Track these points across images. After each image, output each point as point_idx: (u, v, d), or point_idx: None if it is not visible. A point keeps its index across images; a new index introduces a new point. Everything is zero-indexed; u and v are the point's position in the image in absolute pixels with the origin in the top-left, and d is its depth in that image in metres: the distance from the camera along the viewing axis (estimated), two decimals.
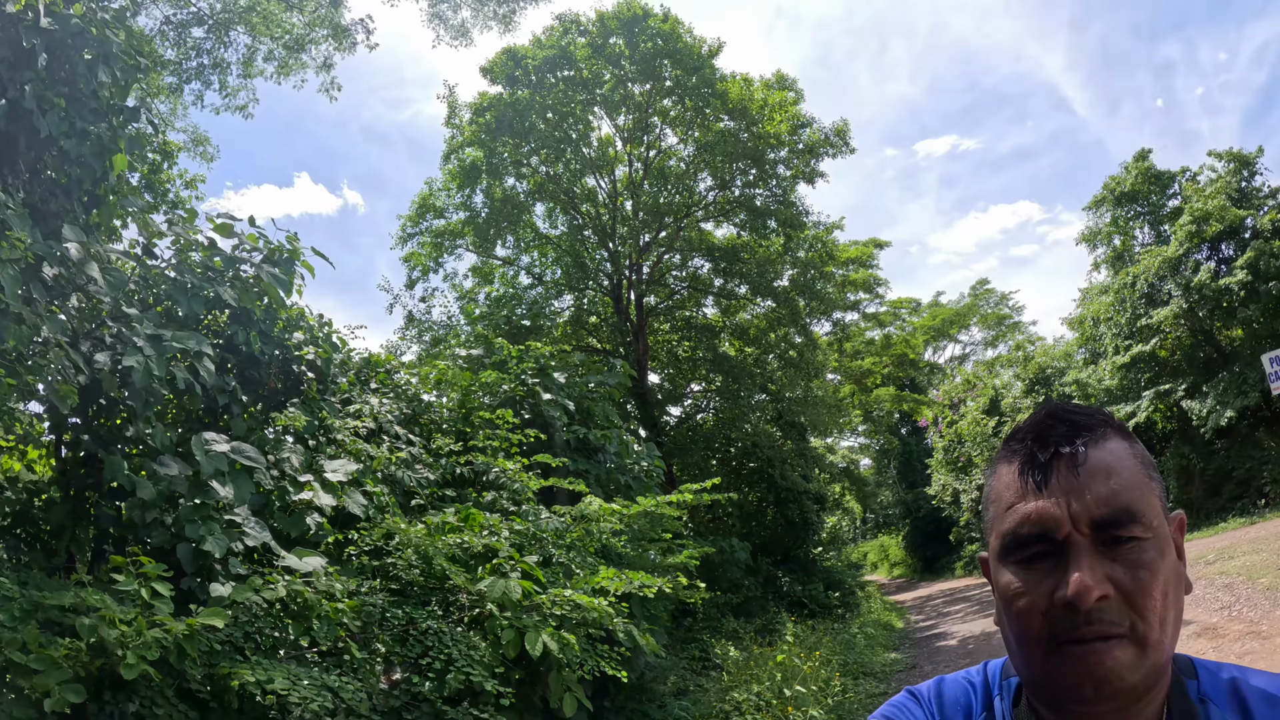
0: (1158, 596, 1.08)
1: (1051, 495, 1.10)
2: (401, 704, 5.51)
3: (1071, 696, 1.10)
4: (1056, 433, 1.15)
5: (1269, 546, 16.09)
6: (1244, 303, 24.58)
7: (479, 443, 9.11)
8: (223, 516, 5.62)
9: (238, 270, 6.49)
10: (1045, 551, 1.10)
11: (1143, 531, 1.09)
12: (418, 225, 23.31)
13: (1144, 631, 1.07)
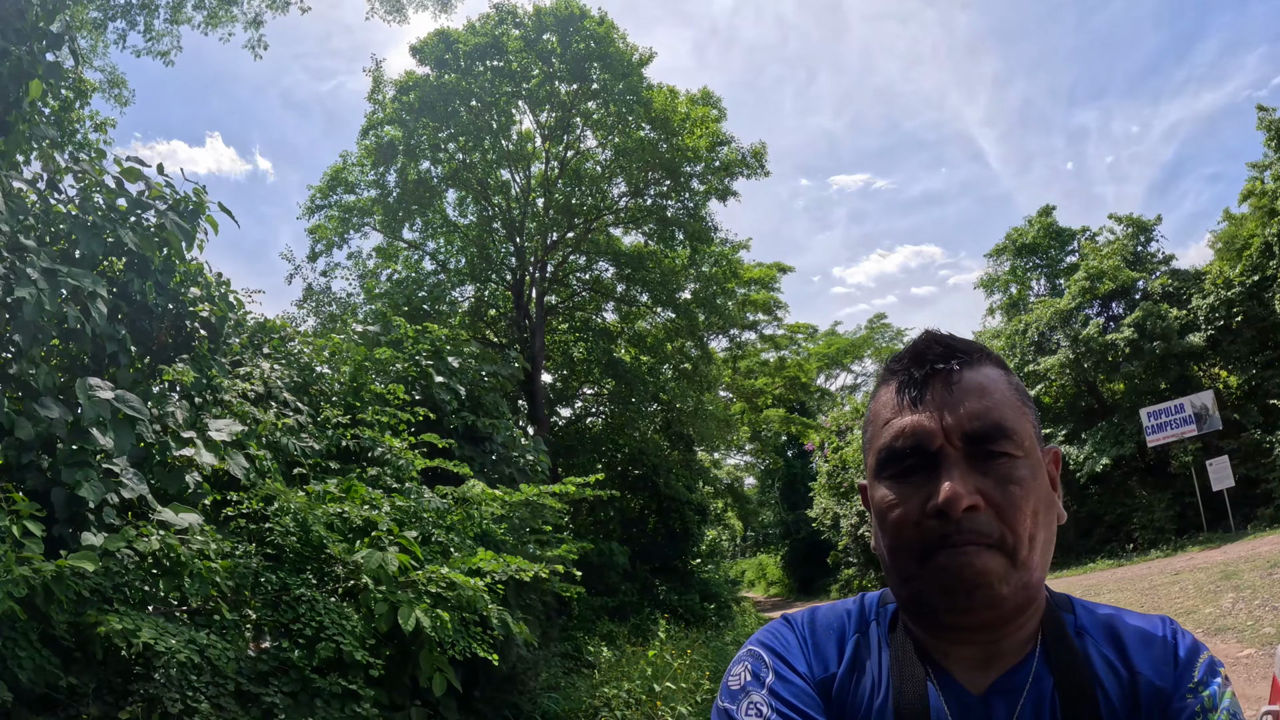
0: (1027, 512, 1.11)
1: (926, 410, 1.14)
2: (269, 669, 5.49)
3: (944, 606, 1.12)
4: (933, 353, 1.19)
5: (1133, 586, 16.93)
6: (1128, 359, 25.77)
7: (368, 417, 9.09)
8: (101, 465, 5.54)
9: (140, 217, 6.39)
10: (919, 465, 1.13)
11: (1014, 449, 1.13)
12: (328, 198, 22.94)
13: (1013, 545, 1.10)
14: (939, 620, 1.16)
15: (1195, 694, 1.12)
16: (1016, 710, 1.13)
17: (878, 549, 1.21)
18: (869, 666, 1.23)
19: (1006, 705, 1.13)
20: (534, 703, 8.92)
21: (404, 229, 22.99)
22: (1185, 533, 24.27)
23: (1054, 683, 1.14)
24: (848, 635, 1.27)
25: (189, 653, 4.58)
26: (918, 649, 1.20)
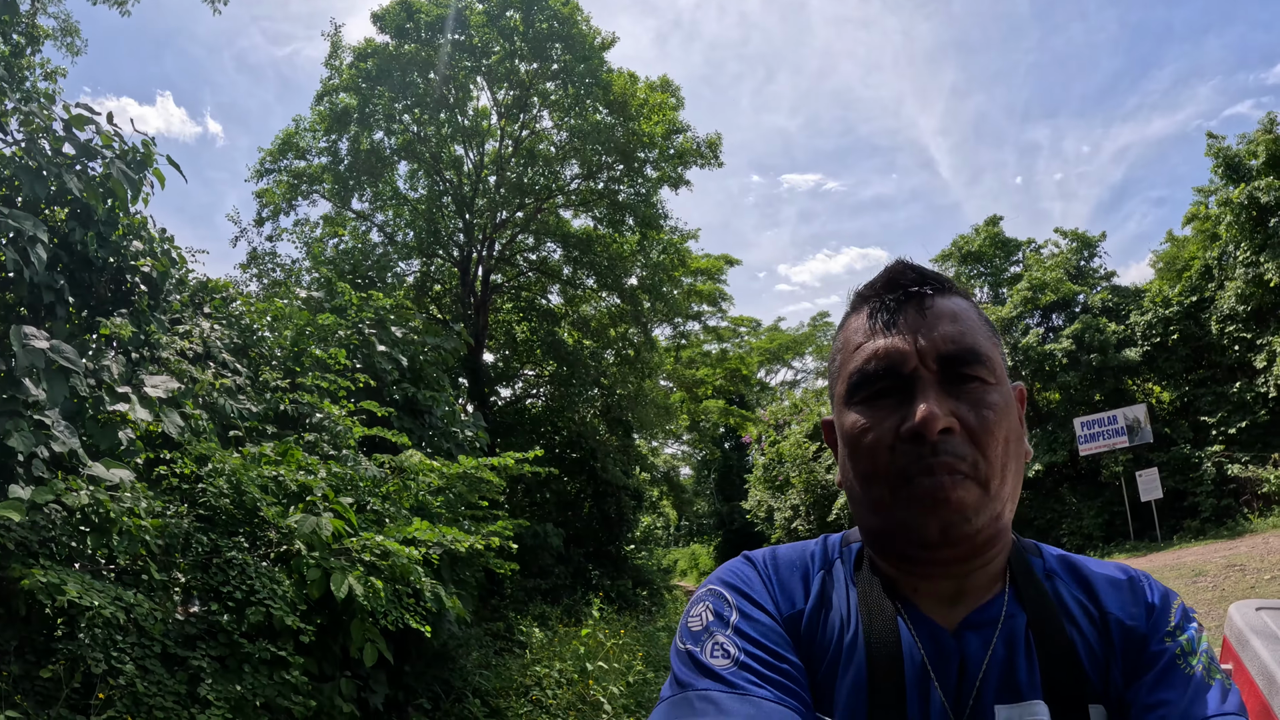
0: (1000, 439, 1.09)
1: (899, 333, 1.12)
2: (197, 633, 5.41)
3: (916, 540, 1.09)
4: (906, 278, 1.17)
5: None
6: (1065, 369, 26.34)
7: (308, 382, 8.97)
8: (32, 417, 5.40)
9: (87, 165, 6.23)
10: (892, 388, 1.11)
11: (988, 375, 1.11)
12: (277, 162, 22.49)
13: (987, 473, 1.08)
14: (909, 553, 1.13)
15: (1174, 637, 1.11)
16: (991, 644, 1.10)
17: (845, 481, 1.18)
18: (836, 603, 1.19)
19: (980, 639, 1.11)
20: (465, 680, 8.89)
21: (353, 199, 22.65)
22: (1113, 540, 24.91)
23: (1026, 619, 1.12)
24: (812, 573, 1.23)
25: (114, 609, 4.48)
26: (885, 585, 1.17)
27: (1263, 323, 24.21)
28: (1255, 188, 22.27)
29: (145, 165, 6.47)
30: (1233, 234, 23.70)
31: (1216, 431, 24.44)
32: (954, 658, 1.10)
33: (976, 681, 1.08)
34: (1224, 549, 18.38)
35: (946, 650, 1.11)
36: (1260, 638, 2.95)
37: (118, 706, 4.41)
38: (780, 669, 1.10)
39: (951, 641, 1.11)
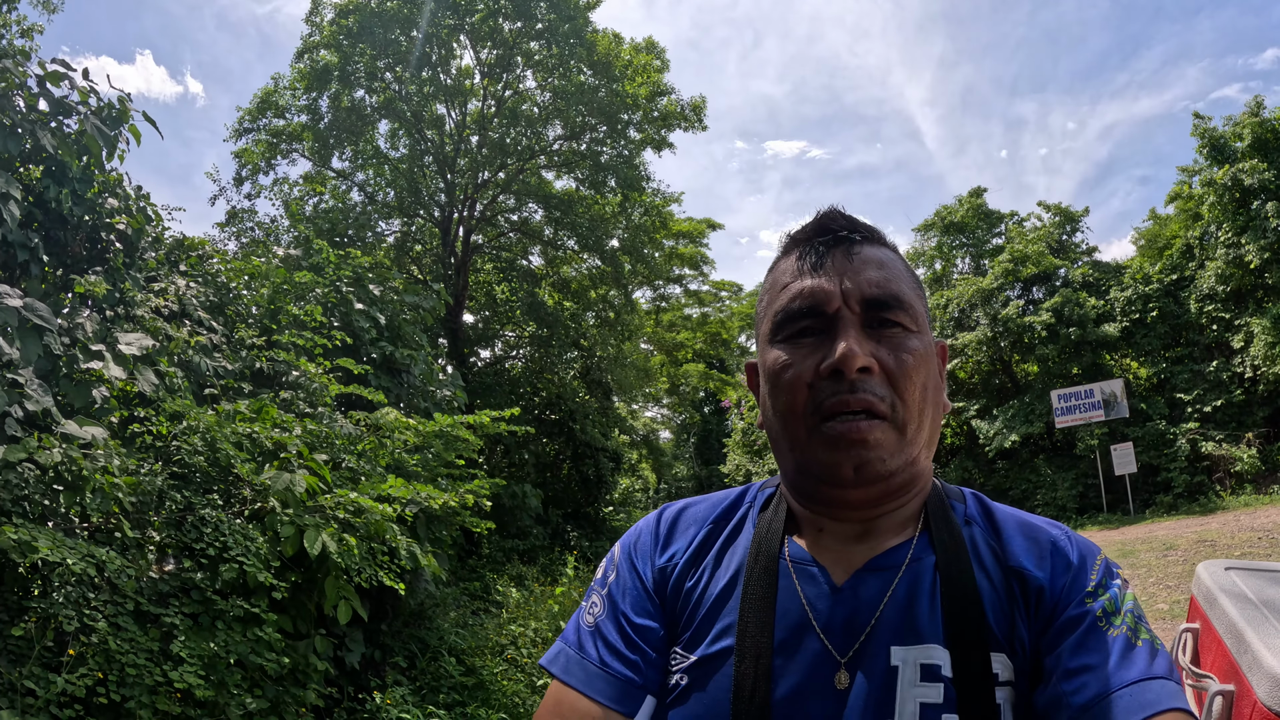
0: (918, 384, 1.11)
1: (825, 275, 1.13)
2: (170, 590, 5.42)
3: (831, 478, 1.10)
4: (836, 224, 1.18)
5: None
6: (1044, 341, 26.53)
7: (284, 340, 8.95)
8: (5, 375, 5.39)
9: (62, 122, 6.17)
10: (815, 328, 1.12)
11: (909, 322, 1.13)
12: (256, 121, 22.24)
13: (903, 416, 1.09)
14: (822, 491, 1.14)
15: (1095, 598, 1.06)
16: (891, 587, 1.09)
17: (765, 420, 1.19)
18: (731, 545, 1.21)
19: (880, 581, 1.10)
20: (441, 639, 8.95)
21: (333, 157, 22.48)
22: (1086, 512, 25.24)
23: (935, 561, 1.10)
24: (707, 521, 1.26)
25: (86, 567, 4.50)
26: (789, 526, 1.19)
27: (1241, 303, 24.43)
28: (1239, 170, 22.39)
29: (121, 122, 6.40)
30: (1215, 214, 23.85)
31: (1192, 409, 24.71)
32: (845, 601, 1.09)
33: (869, 624, 1.06)
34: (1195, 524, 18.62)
35: (833, 594, 1.10)
36: (1228, 596, 2.97)
37: (90, 664, 4.44)
38: (627, 635, 1.16)
39: (841, 585, 1.11)
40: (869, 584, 1.10)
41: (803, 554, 1.15)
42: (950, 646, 1.03)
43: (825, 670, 1.05)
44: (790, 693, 1.05)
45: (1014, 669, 1.04)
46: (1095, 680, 0.98)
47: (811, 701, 1.04)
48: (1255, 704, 2.42)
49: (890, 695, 1.01)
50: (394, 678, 7.81)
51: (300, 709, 6.07)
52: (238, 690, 5.27)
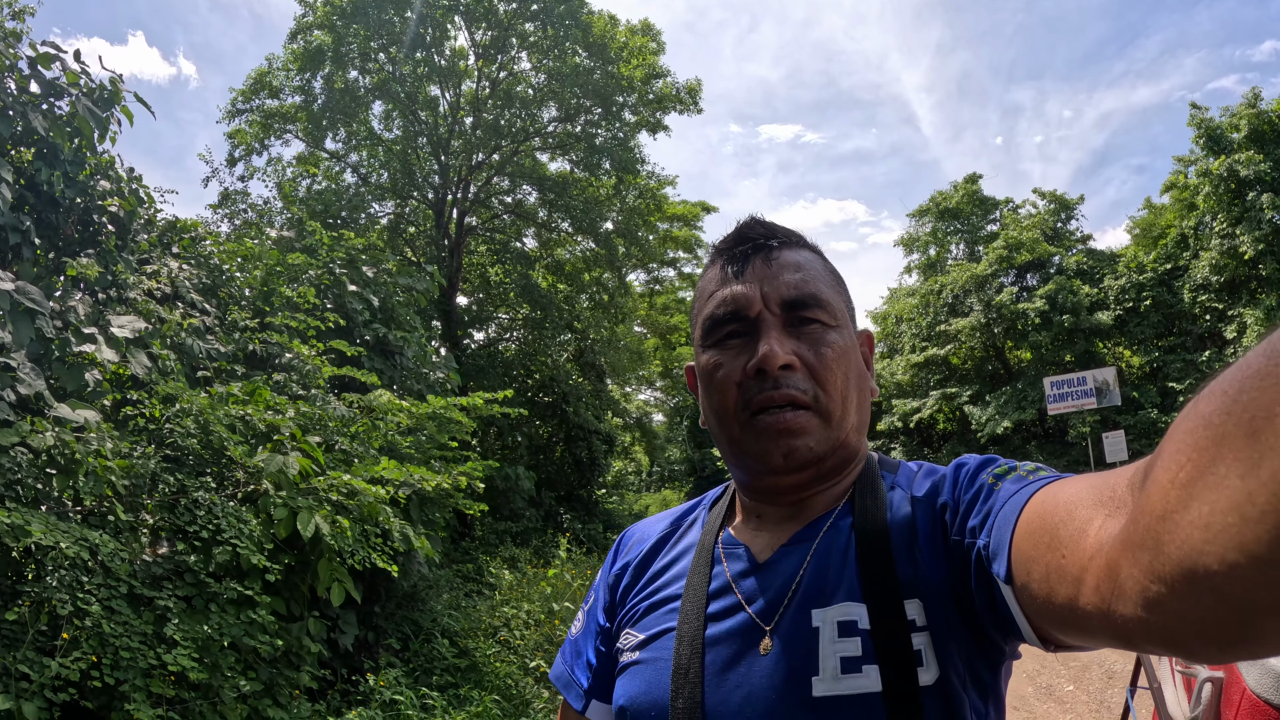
0: (839, 374, 1.19)
1: (746, 281, 1.22)
2: (164, 573, 5.43)
3: (764, 466, 1.19)
4: (755, 232, 1.28)
5: None
6: (1037, 328, 26.63)
7: (277, 321, 8.93)
8: None
9: (53, 104, 6.13)
10: (740, 331, 1.22)
11: (828, 319, 1.22)
12: (250, 101, 22.08)
13: (827, 404, 1.18)
14: (758, 479, 1.23)
15: (981, 471, 1.10)
16: (807, 557, 1.16)
17: (706, 418, 1.29)
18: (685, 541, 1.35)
19: (800, 553, 1.18)
20: (434, 621, 8.98)
21: (327, 139, 22.37)
22: None
23: (851, 523, 1.17)
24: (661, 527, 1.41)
25: (79, 549, 4.50)
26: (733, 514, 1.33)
27: (1235, 294, 24.53)
28: (1235, 160, 22.44)
29: (112, 103, 6.35)
30: (1210, 205, 23.92)
31: (1184, 398, 24.79)
32: (767, 576, 1.18)
33: (789, 593, 1.13)
34: None
35: (756, 570, 1.20)
36: None
37: (84, 647, 4.44)
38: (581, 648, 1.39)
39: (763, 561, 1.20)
40: (791, 557, 1.18)
41: (732, 538, 1.26)
42: (866, 600, 1.08)
43: (752, 639, 1.12)
44: (721, 663, 1.13)
45: (927, 611, 1.06)
46: (995, 506, 1.00)
47: (739, 668, 1.11)
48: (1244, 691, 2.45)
49: (813, 654, 1.07)
50: (387, 660, 7.84)
51: (294, 691, 6.10)
52: (231, 673, 5.29)
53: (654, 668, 1.19)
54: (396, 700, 6.95)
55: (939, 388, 29.99)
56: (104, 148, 6.72)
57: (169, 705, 4.95)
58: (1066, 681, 8.02)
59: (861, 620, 1.07)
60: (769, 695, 1.08)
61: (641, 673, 1.20)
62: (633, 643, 1.25)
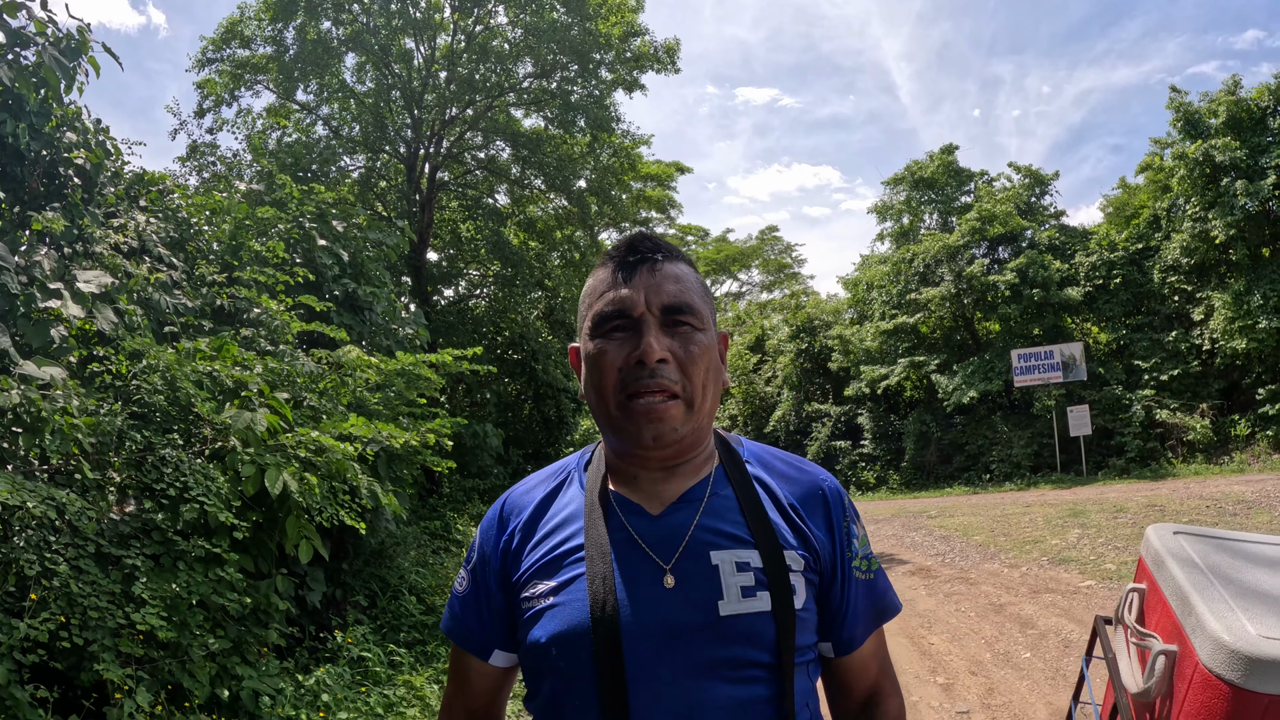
0: (702, 369, 1.46)
1: (633, 287, 1.46)
2: (131, 531, 5.41)
3: (636, 443, 1.45)
4: (643, 246, 1.52)
5: (986, 513, 17.85)
6: (1007, 301, 26.83)
7: (246, 276, 8.84)
8: None
9: (19, 54, 5.99)
10: (623, 326, 1.45)
11: (697, 323, 1.48)
12: (220, 51, 21.60)
13: (691, 394, 1.45)
14: (630, 451, 1.48)
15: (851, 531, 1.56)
16: (699, 512, 1.47)
17: (587, 394, 1.52)
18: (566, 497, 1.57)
19: (689, 510, 1.47)
20: (402, 578, 9.02)
21: (298, 90, 21.96)
22: (1040, 470, 25.78)
23: (733, 492, 1.51)
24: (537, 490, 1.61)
25: (45, 508, 4.47)
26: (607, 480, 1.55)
27: (1204, 277, 24.80)
28: (1212, 146, 22.57)
29: (80, 53, 6.21)
30: (1184, 188, 24.09)
31: (1149, 376, 25.14)
32: (662, 526, 1.45)
33: (684, 539, 1.43)
34: (1146, 489, 19.03)
35: (655, 520, 1.47)
36: (1176, 560, 3.04)
37: (52, 608, 4.42)
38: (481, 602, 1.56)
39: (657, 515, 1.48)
40: (681, 511, 1.47)
41: (623, 497, 1.51)
42: (758, 547, 1.42)
43: (655, 576, 1.39)
44: (630, 597, 1.38)
45: (804, 563, 1.47)
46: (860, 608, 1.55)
47: (647, 601, 1.37)
48: (1197, 665, 2.51)
49: (716, 584, 1.38)
50: (355, 616, 7.88)
51: (262, 648, 6.13)
52: (200, 631, 5.30)
53: (570, 608, 1.39)
54: (364, 657, 7.00)
55: (907, 355, 30.18)
56: (70, 99, 6.59)
57: (138, 664, 4.96)
58: (1024, 649, 8.17)
59: (754, 561, 1.40)
60: (681, 616, 1.36)
61: (559, 614, 1.40)
62: (543, 589, 1.44)
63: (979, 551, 13.79)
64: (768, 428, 37.18)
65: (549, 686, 1.42)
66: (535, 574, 1.47)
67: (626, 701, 1.32)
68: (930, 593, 11.16)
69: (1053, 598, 10.16)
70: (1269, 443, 22.24)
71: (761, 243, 55.31)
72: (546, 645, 1.40)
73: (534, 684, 1.47)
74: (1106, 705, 3.51)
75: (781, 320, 40.32)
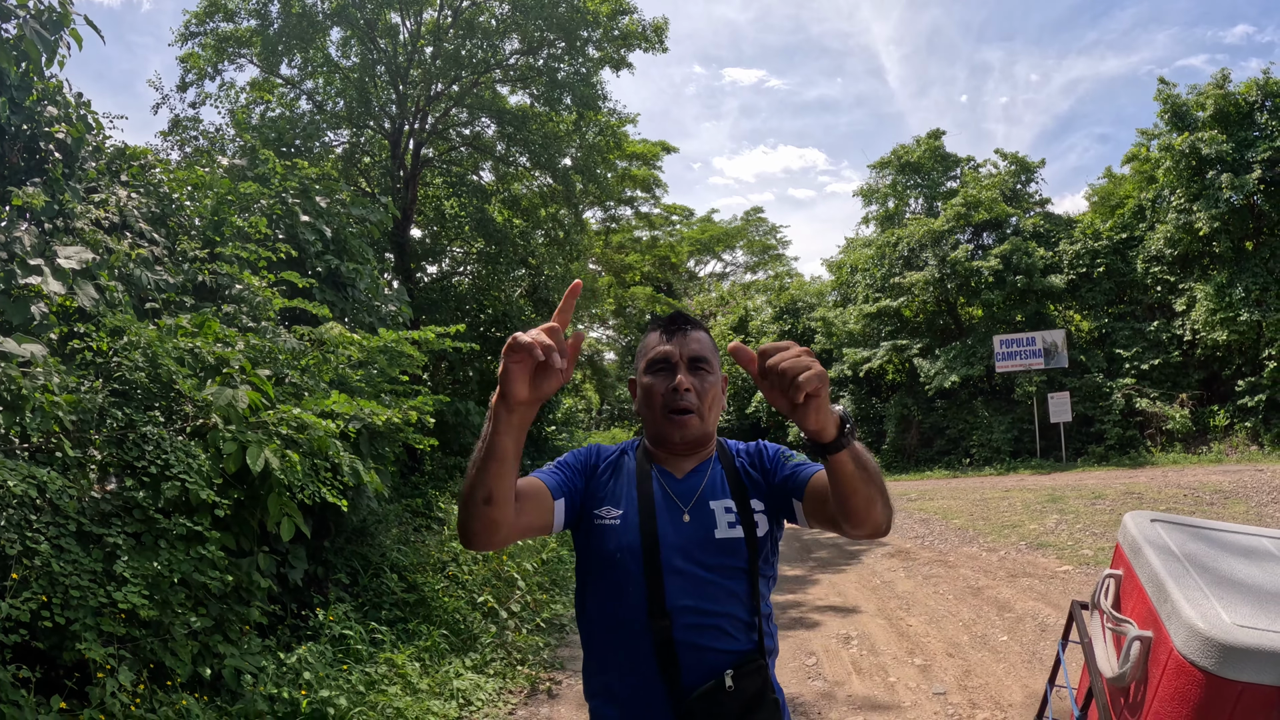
0: (711, 397, 2.34)
1: (673, 344, 2.34)
2: (113, 509, 5.38)
3: (670, 440, 2.34)
4: (679, 320, 2.41)
5: (965, 496, 17.97)
6: (990, 287, 26.96)
7: (228, 252, 8.78)
8: None
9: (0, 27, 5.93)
10: (666, 368, 2.33)
11: (709, 369, 2.35)
12: (204, 24, 21.31)
13: (703, 412, 2.32)
14: (666, 446, 2.37)
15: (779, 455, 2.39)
16: (705, 476, 2.35)
17: (640, 408, 2.40)
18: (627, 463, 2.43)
19: (699, 475, 2.35)
20: (384, 555, 9.01)
21: (282, 65, 21.71)
22: (1019, 456, 25.97)
23: (723, 468, 2.37)
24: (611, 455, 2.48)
25: (26, 487, 4.45)
26: (650, 458, 2.41)
27: (1187, 268, 24.95)
28: (1198, 138, 22.68)
29: (61, 26, 6.13)
30: (1170, 180, 24.21)
31: (1130, 365, 25.31)
32: (683, 484, 2.34)
33: (696, 493, 2.31)
34: (1124, 476, 19.21)
35: (679, 481, 2.34)
36: (1153, 548, 3.08)
37: (34, 587, 4.40)
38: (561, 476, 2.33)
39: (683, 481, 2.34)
40: (694, 477, 2.35)
41: (661, 468, 2.38)
42: (734, 499, 2.30)
43: (677, 514, 2.27)
44: (662, 526, 2.24)
45: (764, 504, 2.31)
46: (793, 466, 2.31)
47: (672, 528, 2.24)
48: (1172, 651, 2.55)
49: (713, 520, 2.25)
50: (336, 594, 7.88)
51: (244, 626, 6.12)
52: (182, 609, 5.30)
53: (629, 530, 2.25)
54: (346, 635, 7.00)
55: (890, 339, 30.33)
56: (51, 72, 6.53)
57: (120, 643, 4.95)
58: (1001, 633, 8.25)
59: (732, 508, 2.27)
60: (692, 536, 2.23)
61: (619, 530, 2.26)
62: (612, 514, 2.30)
63: (958, 535, 13.89)
64: (750, 408, 37.31)
65: (612, 577, 2.25)
66: (606, 500, 2.34)
67: (663, 585, 2.17)
68: (909, 575, 11.25)
69: (1030, 582, 10.25)
70: (1247, 434, 22.47)
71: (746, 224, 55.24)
72: (613, 551, 2.25)
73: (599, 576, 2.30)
74: (1082, 689, 3.55)
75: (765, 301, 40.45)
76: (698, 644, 2.16)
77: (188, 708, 5.00)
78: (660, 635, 2.15)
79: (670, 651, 2.15)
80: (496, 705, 6.82)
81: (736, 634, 2.19)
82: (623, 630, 2.22)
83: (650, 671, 2.17)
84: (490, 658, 7.78)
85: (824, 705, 6.50)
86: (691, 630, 2.16)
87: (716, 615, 2.17)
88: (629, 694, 2.21)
